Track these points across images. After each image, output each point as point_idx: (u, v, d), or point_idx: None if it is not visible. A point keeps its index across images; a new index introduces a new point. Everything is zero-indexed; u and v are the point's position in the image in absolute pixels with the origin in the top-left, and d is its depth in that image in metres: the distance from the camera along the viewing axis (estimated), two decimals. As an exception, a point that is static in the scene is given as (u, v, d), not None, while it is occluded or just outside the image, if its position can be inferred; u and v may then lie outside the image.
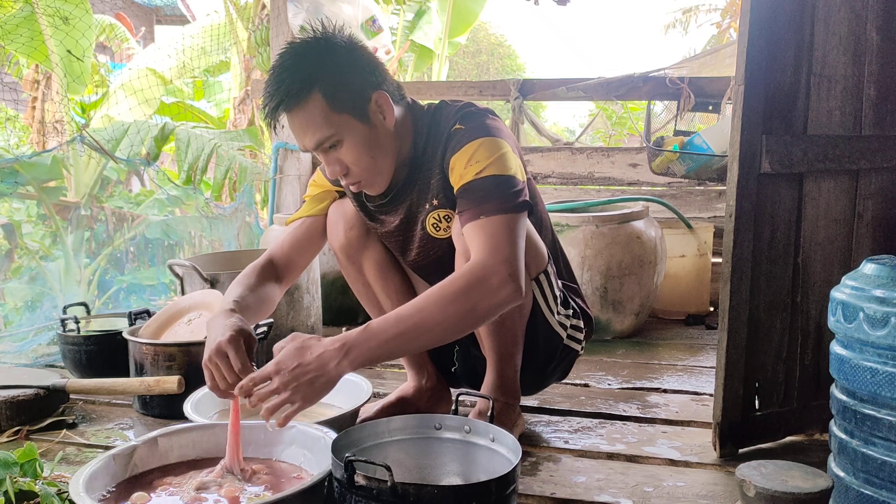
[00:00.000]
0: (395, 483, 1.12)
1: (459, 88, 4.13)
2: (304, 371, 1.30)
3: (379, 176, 1.57)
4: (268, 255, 1.76)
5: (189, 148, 4.58)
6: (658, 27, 26.77)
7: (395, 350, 1.37)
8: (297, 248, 1.78)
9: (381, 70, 1.54)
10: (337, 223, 1.78)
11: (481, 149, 1.49)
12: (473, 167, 1.48)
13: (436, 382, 1.92)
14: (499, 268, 1.37)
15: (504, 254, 1.39)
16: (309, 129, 1.47)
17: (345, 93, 1.46)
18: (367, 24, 4.01)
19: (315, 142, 1.48)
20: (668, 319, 3.19)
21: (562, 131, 11.91)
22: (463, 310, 1.34)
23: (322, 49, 1.48)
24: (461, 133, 1.53)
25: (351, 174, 1.54)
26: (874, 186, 1.76)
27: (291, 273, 1.78)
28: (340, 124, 1.47)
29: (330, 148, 1.50)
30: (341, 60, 1.48)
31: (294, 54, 1.48)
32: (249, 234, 4.21)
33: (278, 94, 1.45)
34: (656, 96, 3.84)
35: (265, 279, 1.69)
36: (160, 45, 6.51)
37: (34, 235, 4.51)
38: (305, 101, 1.45)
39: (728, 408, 1.68)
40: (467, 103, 1.61)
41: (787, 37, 1.62)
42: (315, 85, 1.44)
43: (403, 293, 1.82)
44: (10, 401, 1.92)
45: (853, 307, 1.28)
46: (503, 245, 1.40)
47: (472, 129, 1.53)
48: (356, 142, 1.49)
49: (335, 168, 1.53)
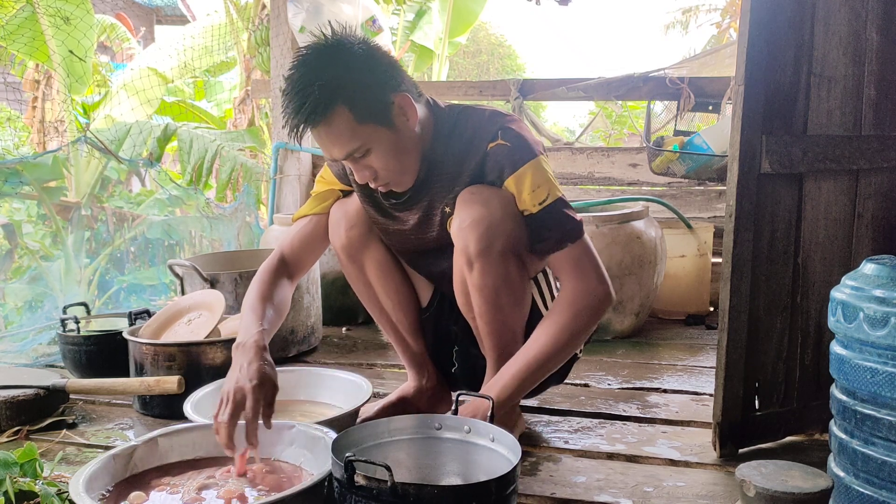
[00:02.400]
0: (395, 483, 1.12)
1: (459, 88, 4.14)
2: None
3: (406, 175, 1.58)
4: (278, 253, 1.78)
5: (192, 149, 4.59)
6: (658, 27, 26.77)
7: (530, 386, 1.57)
8: (307, 245, 1.80)
9: (398, 70, 1.52)
10: (339, 222, 1.78)
11: (538, 173, 1.53)
12: (537, 194, 1.53)
13: (436, 383, 1.93)
14: (598, 289, 1.55)
15: (596, 274, 1.56)
16: (337, 143, 1.47)
17: (368, 102, 1.45)
18: (367, 24, 4.01)
19: (345, 154, 1.49)
20: (668, 319, 3.19)
21: (562, 131, 11.90)
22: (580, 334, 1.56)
23: (339, 57, 1.45)
24: (506, 151, 1.53)
25: (380, 178, 1.55)
26: (874, 186, 1.76)
27: (301, 270, 1.81)
28: (367, 134, 1.47)
29: (360, 157, 1.50)
30: (360, 68, 1.45)
31: (312, 67, 1.45)
32: (250, 234, 4.22)
33: (303, 112, 1.43)
34: (656, 96, 3.84)
35: (279, 279, 1.72)
36: (161, 46, 6.50)
37: (34, 235, 4.52)
38: (331, 117, 1.43)
39: (728, 408, 1.68)
40: (496, 111, 1.61)
41: (786, 37, 1.62)
42: (338, 99, 1.42)
43: (404, 293, 1.82)
44: (10, 401, 1.92)
45: (853, 307, 1.28)
46: (592, 266, 1.56)
47: (519, 148, 1.53)
48: (384, 148, 1.50)
49: (365, 174, 1.54)
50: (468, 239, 1.53)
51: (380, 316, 1.89)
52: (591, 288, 1.54)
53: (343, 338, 2.94)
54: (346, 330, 3.03)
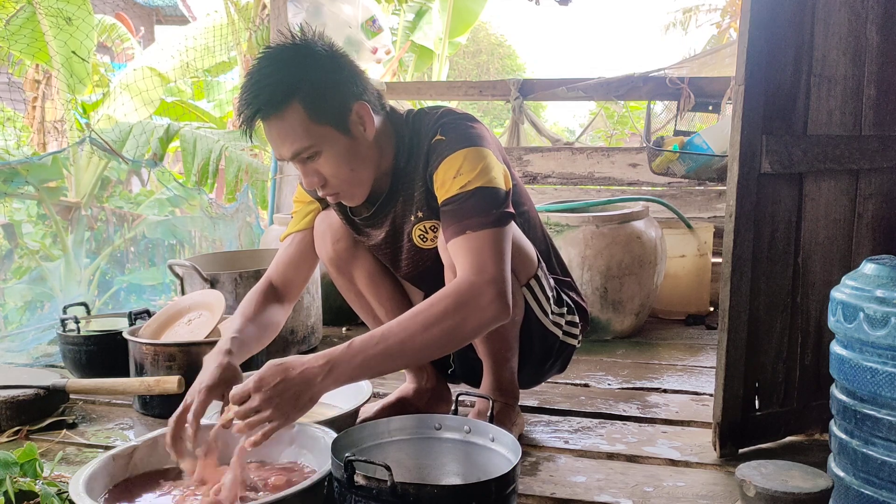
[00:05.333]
0: (394, 483, 1.12)
1: (459, 88, 4.14)
2: (286, 387, 1.28)
3: (358, 188, 1.54)
4: (266, 279, 1.73)
5: (196, 149, 4.59)
6: (658, 27, 26.74)
7: (379, 367, 1.34)
8: (293, 265, 1.75)
9: (362, 79, 1.50)
10: (324, 235, 1.75)
11: (465, 161, 1.46)
12: (458, 180, 1.45)
13: (435, 383, 1.93)
14: (485, 287, 1.36)
15: (491, 272, 1.37)
16: (287, 139, 1.43)
17: (326, 103, 1.43)
18: (367, 24, 4.01)
19: (293, 152, 1.44)
20: (668, 319, 3.19)
21: (562, 131, 11.89)
22: (448, 329, 1.33)
23: (303, 56, 1.44)
24: (443, 144, 1.50)
25: (329, 185, 1.51)
26: (874, 186, 1.76)
27: (292, 291, 1.75)
28: (320, 135, 1.43)
29: (308, 159, 1.46)
30: (323, 69, 1.44)
31: (273, 60, 1.43)
32: (250, 234, 4.22)
33: (256, 102, 1.40)
34: (656, 96, 3.84)
35: (266, 304, 1.67)
36: (161, 46, 6.50)
37: (35, 235, 4.52)
38: (285, 111, 1.40)
39: (728, 408, 1.68)
40: (446, 110, 1.57)
41: (787, 37, 1.62)
42: (295, 94, 1.40)
43: (396, 300, 1.81)
44: (10, 401, 1.92)
45: (853, 307, 1.28)
46: (489, 262, 1.38)
47: (453, 140, 1.50)
48: (335, 154, 1.46)
49: (312, 179, 1.49)
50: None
51: (374, 324, 1.86)
52: (479, 283, 1.35)
53: (343, 338, 2.94)
54: (346, 330, 3.03)
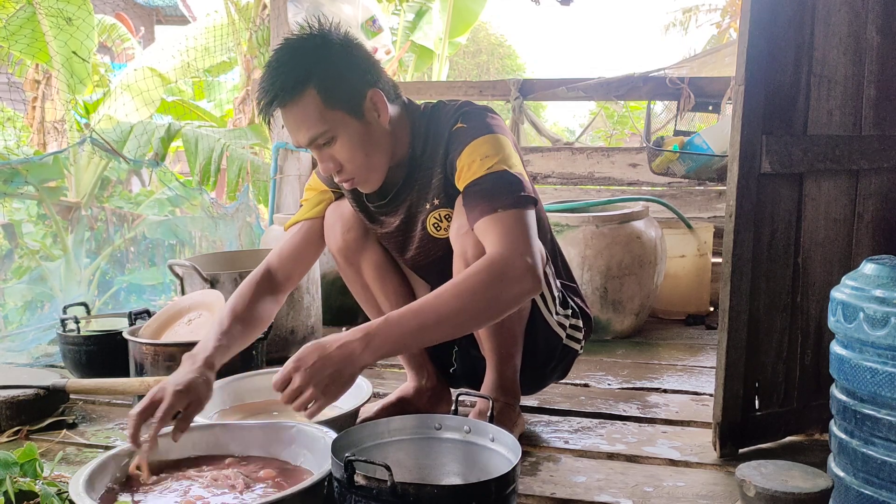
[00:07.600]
0: (394, 483, 1.12)
1: (459, 88, 4.13)
2: (325, 364, 1.31)
3: (373, 173, 1.57)
4: (265, 266, 1.73)
5: (198, 148, 4.59)
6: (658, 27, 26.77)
7: (417, 340, 1.38)
8: (296, 254, 1.76)
9: (376, 68, 1.54)
10: (334, 225, 1.77)
11: (487, 145, 1.50)
12: (485, 162, 1.48)
13: (436, 382, 1.92)
14: (518, 260, 1.38)
15: (522, 246, 1.40)
16: (303, 125, 1.47)
17: (340, 89, 1.47)
18: (367, 24, 4.01)
19: (309, 138, 1.48)
20: (668, 319, 3.19)
21: (562, 131, 11.90)
22: (484, 301, 1.35)
23: (318, 45, 1.49)
24: (464, 131, 1.54)
25: (344, 171, 1.54)
26: (874, 186, 1.76)
27: (290, 280, 1.75)
28: (335, 121, 1.47)
29: (324, 144, 1.50)
30: (337, 57, 1.48)
31: (290, 50, 1.49)
32: (250, 233, 4.22)
33: (273, 90, 1.45)
34: (656, 96, 3.84)
35: (259, 297, 1.67)
36: (162, 46, 6.51)
37: (35, 235, 4.52)
38: (300, 97, 1.45)
39: (728, 408, 1.68)
40: (465, 102, 1.61)
41: (787, 37, 1.62)
42: (310, 81, 1.44)
43: (402, 294, 1.82)
44: (10, 401, 1.92)
45: (853, 307, 1.28)
46: (520, 238, 1.42)
47: (475, 128, 1.54)
48: (350, 139, 1.49)
49: (328, 165, 1.53)
50: (466, 244, 1.54)
51: (377, 317, 1.88)
52: (512, 256, 1.38)
53: (343, 338, 2.93)
54: (346, 330, 3.02)
